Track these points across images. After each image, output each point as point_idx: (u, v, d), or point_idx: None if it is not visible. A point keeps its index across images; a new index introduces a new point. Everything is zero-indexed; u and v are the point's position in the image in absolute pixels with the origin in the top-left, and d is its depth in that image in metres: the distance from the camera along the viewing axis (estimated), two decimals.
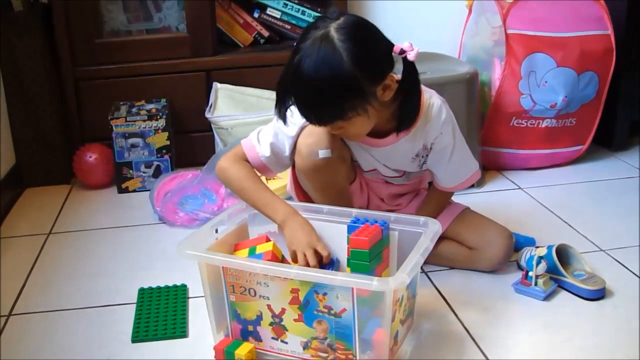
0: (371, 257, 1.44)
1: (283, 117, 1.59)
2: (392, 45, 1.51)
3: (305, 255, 1.50)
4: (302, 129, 1.63)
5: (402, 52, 1.51)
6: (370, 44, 1.48)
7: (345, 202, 1.72)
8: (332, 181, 1.70)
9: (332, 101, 1.46)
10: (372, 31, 1.51)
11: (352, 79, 1.43)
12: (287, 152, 1.66)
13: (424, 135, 1.66)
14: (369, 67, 1.46)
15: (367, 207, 1.83)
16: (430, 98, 1.65)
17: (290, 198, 1.90)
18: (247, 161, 1.66)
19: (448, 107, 1.68)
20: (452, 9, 2.83)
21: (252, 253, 1.52)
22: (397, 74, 1.54)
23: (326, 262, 1.53)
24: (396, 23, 1.50)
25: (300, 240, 1.52)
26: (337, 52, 1.42)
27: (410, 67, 1.54)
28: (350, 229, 1.52)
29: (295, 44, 1.50)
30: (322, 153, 1.61)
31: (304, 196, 1.79)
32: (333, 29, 1.44)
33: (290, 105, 1.56)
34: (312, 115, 1.51)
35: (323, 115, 1.50)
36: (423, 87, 1.64)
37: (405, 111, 1.59)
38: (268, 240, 1.55)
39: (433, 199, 1.83)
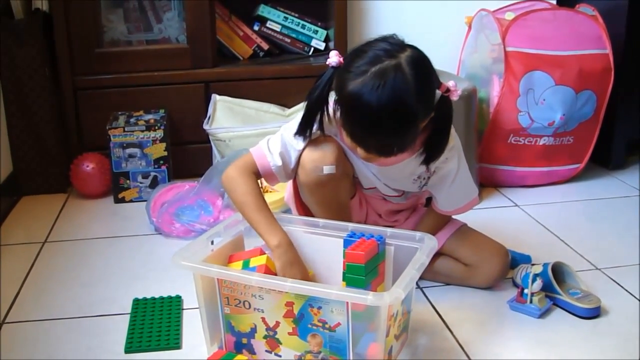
0: (367, 272, 1.44)
1: (304, 134, 1.58)
2: (440, 82, 1.49)
3: None
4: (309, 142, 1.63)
5: (447, 91, 1.50)
6: (431, 82, 1.47)
7: (346, 217, 1.71)
8: (335, 196, 1.69)
9: (393, 133, 1.43)
10: (432, 69, 1.49)
11: (415, 115, 1.42)
12: (292, 164, 1.64)
13: None
14: (427, 105, 1.46)
15: (365, 222, 1.83)
16: None
17: (288, 210, 1.90)
18: (256, 173, 1.63)
19: (456, 134, 1.67)
20: (452, 26, 2.84)
21: (245, 266, 1.52)
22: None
23: None
24: None
25: (292, 271, 1.51)
26: (410, 87, 1.39)
27: (447, 105, 1.52)
28: (347, 243, 1.52)
29: (343, 64, 1.48)
30: (327, 169, 1.61)
31: (304, 209, 1.79)
32: (404, 62, 1.41)
33: (315, 123, 1.57)
34: (371, 143, 1.48)
35: (381, 145, 1.47)
36: None
37: (434, 146, 1.57)
38: (262, 253, 1.54)
39: (431, 218, 1.82)
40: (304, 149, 1.62)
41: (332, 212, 1.69)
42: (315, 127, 1.59)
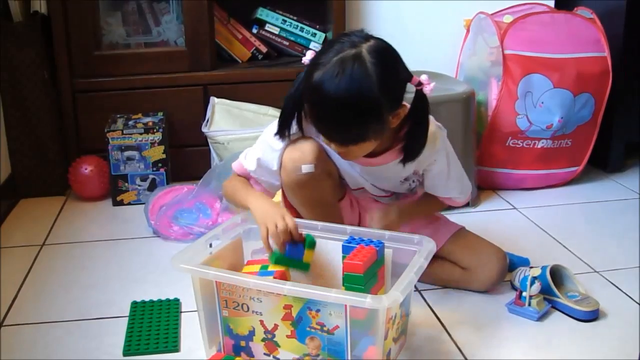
0: (366, 281, 1.43)
1: (283, 133, 1.60)
2: (411, 75, 1.50)
3: (275, 225, 1.50)
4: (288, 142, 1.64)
5: (419, 84, 1.51)
6: (396, 72, 1.48)
7: (335, 218, 1.71)
8: (318, 196, 1.69)
9: (354, 122, 1.44)
10: (398, 59, 1.50)
11: (377, 105, 1.42)
12: (275, 167, 1.66)
13: (416, 161, 1.65)
14: (392, 95, 1.46)
15: (359, 224, 1.82)
16: None
17: None
18: None
19: (444, 134, 1.67)
20: (450, 29, 2.84)
21: (264, 269, 1.52)
22: (407, 103, 1.53)
23: (296, 238, 1.52)
24: (394, 43, 1.49)
25: (269, 213, 1.53)
26: (369, 75, 1.40)
27: (422, 100, 1.53)
28: (345, 250, 1.51)
29: (311, 58, 1.49)
30: (305, 168, 1.61)
31: (295, 212, 1.78)
32: (365, 50, 1.42)
33: (293, 123, 1.59)
34: (328, 130, 1.50)
35: (340, 135, 1.48)
36: None
37: (412, 142, 1.58)
38: None
39: (424, 200, 1.80)
40: (284, 149, 1.64)
41: (318, 212, 1.69)
42: (295, 128, 1.61)
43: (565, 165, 2.57)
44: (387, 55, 1.46)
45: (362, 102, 1.41)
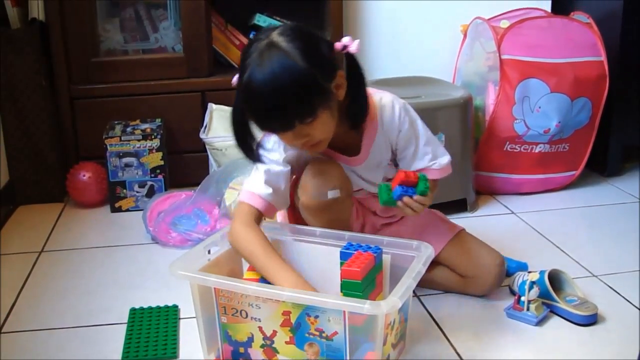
0: (364, 287, 1.43)
1: (252, 154, 1.57)
2: (332, 42, 1.51)
3: None
4: (288, 159, 1.62)
5: (344, 47, 1.51)
6: (314, 41, 1.48)
7: (346, 228, 1.70)
8: (339, 218, 1.67)
9: (296, 102, 1.42)
10: (312, 31, 1.51)
11: (310, 76, 1.42)
12: (283, 187, 1.62)
13: (387, 137, 1.65)
14: (320, 63, 1.45)
15: (364, 224, 1.82)
16: (381, 100, 1.65)
17: None
18: (256, 217, 1.59)
19: (402, 103, 1.66)
20: (447, 34, 2.85)
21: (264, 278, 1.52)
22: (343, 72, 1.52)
23: None
24: (391, 48, 1.49)
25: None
26: (288, 54, 1.41)
27: (353, 63, 1.54)
28: (343, 256, 1.51)
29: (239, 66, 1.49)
30: (332, 194, 1.59)
31: (303, 223, 1.76)
32: (276, 34, 1.44)
33: (253, 139, 1.55)
34: (277, 123, 1.47)
35: (289, 119, 1.44)
36: (372, 90, 1.63)
37: (356, 106, 1.56)
38: None
39: None
40: (287, 164, 1.61)
41: (333, 228, 1.65)
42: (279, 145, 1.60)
43: (563, 170, 2.58)
44: (299, 31, 1.47)
45: (293, 80, 1.41)
